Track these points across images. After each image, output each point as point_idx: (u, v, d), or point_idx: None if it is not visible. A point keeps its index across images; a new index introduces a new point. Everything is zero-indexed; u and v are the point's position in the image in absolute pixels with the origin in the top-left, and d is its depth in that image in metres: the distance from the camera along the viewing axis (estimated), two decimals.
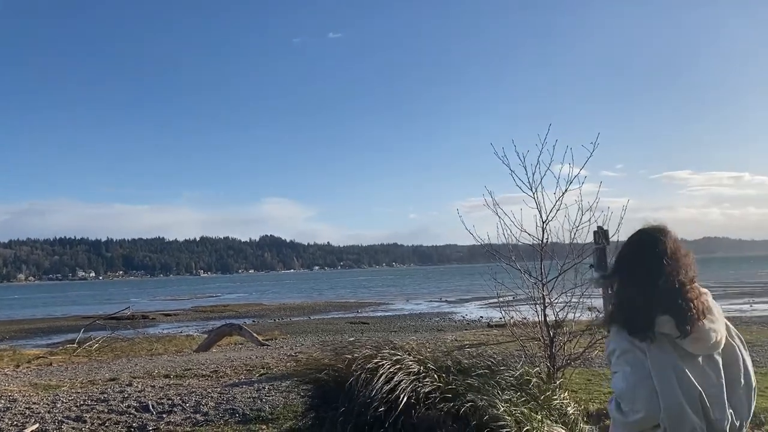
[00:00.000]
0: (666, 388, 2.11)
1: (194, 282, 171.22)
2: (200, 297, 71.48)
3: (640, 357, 2.16)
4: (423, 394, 5.67)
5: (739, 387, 2.21)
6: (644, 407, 2.13)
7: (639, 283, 2.23)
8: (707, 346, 2.16)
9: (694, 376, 2.12)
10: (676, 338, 2.14)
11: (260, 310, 44.57)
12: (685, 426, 2.10)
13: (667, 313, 2.15)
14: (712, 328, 2.16)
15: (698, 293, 2.21)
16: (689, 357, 2.16)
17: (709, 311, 2.19)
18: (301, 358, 10.47)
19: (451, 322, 28.25)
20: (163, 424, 7.28)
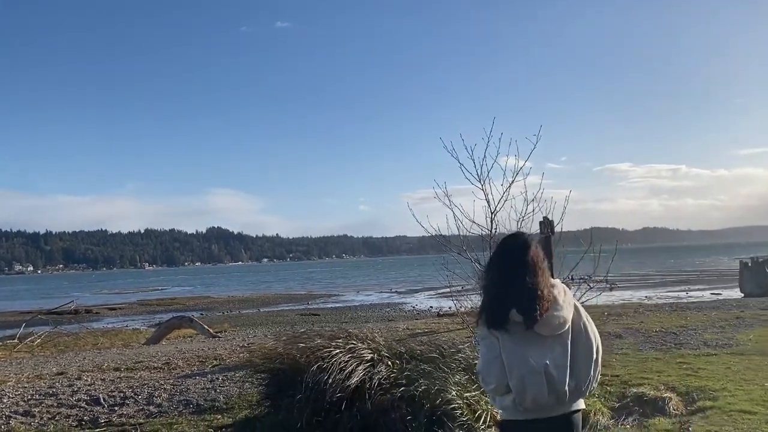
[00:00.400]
0: (512, 365, 2.75)
1: (139, 275, 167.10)
2: (146, 290, 69.94)
3: (494, 342, 2.81)
4: (377, 380, 5.84)
5: (582, 357, 2.81)
6: (495, 380, 2.80)
7: (499, 284, 2.82)
8: (552, 329, 2.77)
9: (542, 351, 2.75)
10: (529, 326, 2.74)
11: (208, 303, 43.98)
12: (527, 392, 2.74)
13: (516, 308, 2.74)
14: (555, 315, 2.76)
15: (547, 291, 2.78)
16: (539, 337, 2.77)
17: (554, 302, 2.78)
18: (255, 349, 10.51)
19: (402, 312, 28.58)
20: (116, 416, 7.24)
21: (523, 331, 2.74)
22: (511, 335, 2.76)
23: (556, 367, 2.74)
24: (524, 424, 2.80)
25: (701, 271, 53.25)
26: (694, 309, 14.74)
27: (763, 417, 5.61)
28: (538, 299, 2.72)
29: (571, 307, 2.83)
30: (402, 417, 5.49)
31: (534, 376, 2.72)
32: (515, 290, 2.74)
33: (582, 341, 2.83)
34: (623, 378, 7.43)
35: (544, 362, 2.73)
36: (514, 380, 2.74)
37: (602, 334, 10.45)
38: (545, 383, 2.72)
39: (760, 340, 9.48)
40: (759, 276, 21.94)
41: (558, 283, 2.88)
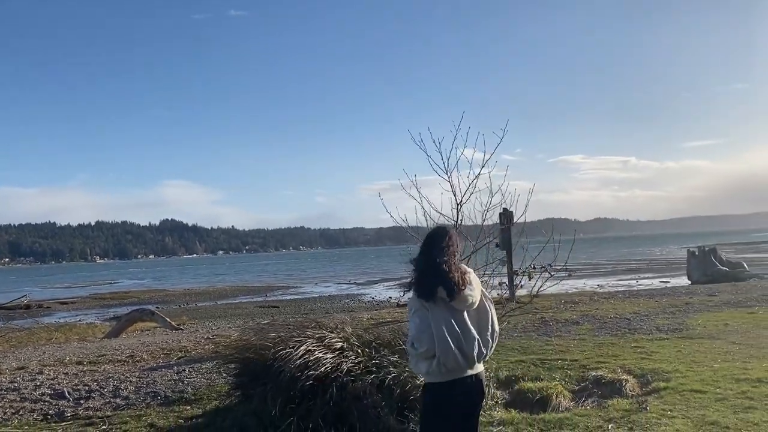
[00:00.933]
0: (439, 332, 3.40)
1: (90, 268, 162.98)
2: (98, 284, 68.35)
3: (425, 313, 3.44)
4: (347, 368, 5.97)
5: (486, 330, 3.56)
6: (426, 344, 3.41)
7: (427, 265, 3.49)
8: (467, 304, 3.48)
9: (458, 323, 3.44)
10: (448, 301, 3.41)
11: (164, 296, 43.32)
12: (449, 354, 3.40)
13: (441, 285, 3.41)
14: (469, 294, 3.48)
15: (462, 272, 3.52)
16: (457, 311, 3.47)
17: (469, 283, 3.50)
18: (220, 341, 10.50)
19: (361, 303, 28.73)
20: (82, 409, 7.18)
21: (446, 305, 3.44)
22: (438, 307, 3.44)
23: (467, 336, 3.46)
24: (446, 385, 3.49)
25: (650, 260, 55.00)
26: (645, 296, 15.29)
27: (713, 396, 5.95)
28: (453, 279, 3.44)
29: (479, 290, 3.60)
30: (374, 403, 5.63)
31: (454, 342, 3.41)
32: (440, 271, 3.45)
33: (485, 317, 3.60)
34: (581, 362, 7.74)
35: (461, 331, 3.44)
36: (440, 345, 3.39)
37: (560, 321, 10.78)
38: (462, 349, 3.43)
39: (708, 324, 9.95)
40: (705, 264, 22.85)
41: (469, 269, 3.63)
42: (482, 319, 3.56)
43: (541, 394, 6.47)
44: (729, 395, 5.94)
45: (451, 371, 3.43)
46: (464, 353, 3.42)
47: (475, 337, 3.47)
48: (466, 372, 3.50)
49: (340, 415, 5.62)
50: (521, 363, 7.87)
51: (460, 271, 3.49)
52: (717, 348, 8.09)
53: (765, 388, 6.07)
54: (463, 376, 3.49)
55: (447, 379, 3.45)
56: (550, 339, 9.49)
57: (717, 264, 22.81)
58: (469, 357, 3.45)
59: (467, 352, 3.43)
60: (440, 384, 3.49)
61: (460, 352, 3.41)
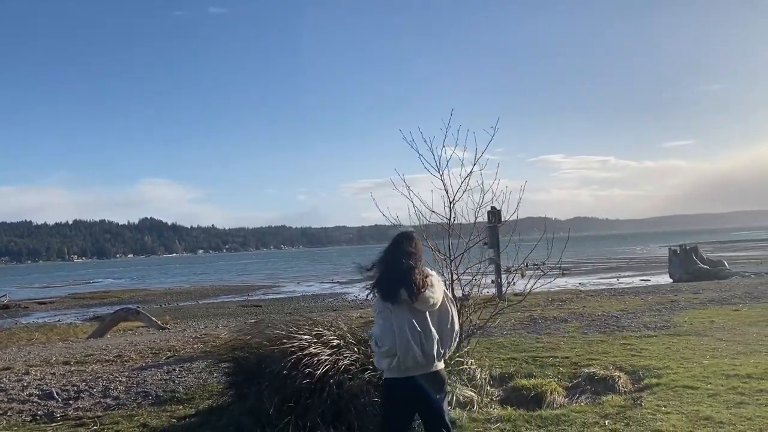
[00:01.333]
0: (400, 332, 3.65)
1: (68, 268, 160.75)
2: (77, 283, 67.53)
3: (388, 314, 3.70)
4: (344, 366, 5.95)
5: (446, 329, 3.78)
6: (388, 343, 3.68)
7: (390, 267, 3.73)
8: (428, 305, 3.70)
9: (419, 323, 3.67)
10: (411, 302, 3.65)
11: (145, 295, 42.90)
12: (409, 352, 3.64)
13: (404, 287, 3.64)
14: (430, 296, 3.69)
15: (425, 275, 3.74)
16: (419, 312, 3.69)
17: (430, 285, 3.71)
18: (209, 340, 10.44)
19: (345, 302, 28.69)
20: (72, 410, 7.08)
21: (408, 306, 3.67)
22: (400, 308, 3.67)
23: (427, 335, 3.68)
24: (403, 380, 3.74)
25: (630, 259, 55.63)
26: (631, 294, 15.46)
27: (705, 391, 6.03)
28: (415, 282, 3.66)
29: (441, 292, 3.79)
30: (371, 401, 5.62)
31: (414, 341, 3.64)
32: (403, 274, 3.68)
33: (446, 317, 3.79)
34: (573, 359, 7.80)
35: (422, 331, 3.67)
36: (401, 344, 3.65)
37: (548, 319, 10.87)
38: (422, 347, 3.66)
39: (694, 321, 10.08)
40: (687, 263, 23.19)
41: (432, 272, 3.84)
42: (443, 319, 3.78)
43: (535, 390, 6.51)
44: (720, 391, 6.02)
45: (410, 368, 3.69)
46: (425, 352, 3.66)
47: (435, 337, 3.70)
48: (426, 369, 3.72)
49: (338, 413, 5.60)
50: (513, 360, 7.91)
51: (422, 274, 3.72)
52: (705, 345, 8.20)
53: (755, 383, 6.17)
54: (423, 373, 3.72)
55: (405, 375, 3.72)
56: (540, 336, 9.57)
57: (698, 262, 23.15)
58: (429, 355, 3.68)
59: (427, 350, 3.67)
60: (398, 379, 3.75)
61: (421, 351, 3.65)
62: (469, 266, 7.53)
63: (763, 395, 5.78)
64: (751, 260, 37.98)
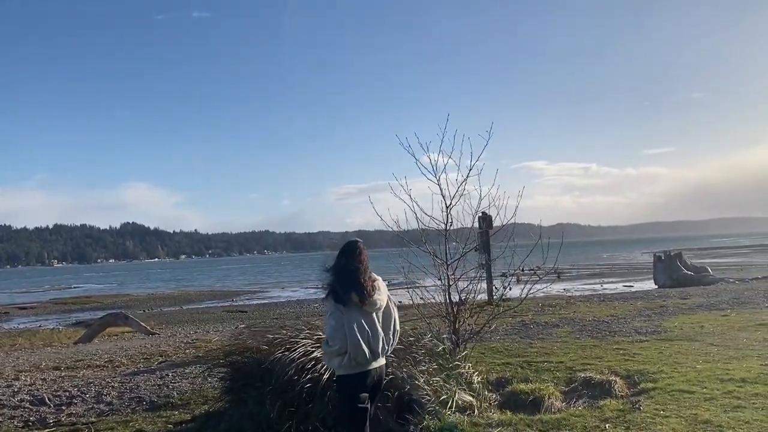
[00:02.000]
0: (351, 332, 4.00)
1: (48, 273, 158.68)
2: (58, 288, 66.69)
3: (339, 315, 4.04)
4: None
5: (389, 329, 4.20)
6: (339, 342, 4.02)
7: (342, 272, 4.10)
8: (375, 308, 4.10)
9: (367, 323, 4.06)
10: (360, 305, 4.02)
11: (127, 300, 42.41)
12: (359, 350, 4.00)
13: (355, 291, 4.02)
14: (377, 299, 4.09)
15: (372, 279, 4.12)
16: (367, 313, 4.08)
17: (377, 289, 4.11)
18: (201, 345, 10.36)
19: None
20: (64, 416, 7.00)
21: (358, 308, 4.04)
22: (350, 310, 4.04)
23: (374, 334, 4.08)
24: (355, 376, 4.10)
25: (613, 265, 56.05)
26: (620, 299, 15.59)
27: (702, 396, 6.08)
28: (365, 286, 4.04)
29: (386, 295, 4.20)
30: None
31: (363, 340, 4.02)
32: (354, 279, 4.05)
33: (389, 318, 4.22)
34: (567, 364, 7.84)
35: (370, 330, 4.06)
36: (351, 342, 4.00)
37: (540, 324, 10.91)
38: (369, 345, 4.05)
39: (684, 326, 10.19)
40: (671, 268, 23.41)
41: (378, 277, 4.22)
42: (387, 320, 4.22)
43: (533, 395, 6.52)
44: (716, 395, 6.07)
45: (359, 365, 4.08)
46: (372, 349, 4.07)
47: (381, 335, 4.13)
48: (372, 365, 4.14)
49: (339, 418, 5.57)
50: (508, 365, 7.94)
51: (370, 279, 4.13)
52: (696, 349, 8.28)
53: (750, 387, 6.24)
54: (369, 369, 4.14)
55: (356, 371, 4.10)
56: (533, 342, 9.61)
57: (682, 268, 23.39)
58: (375, 352, 4.10)
59: (374, 348, 4.08)
60: (350, 376, 4.12)
61: (369, 349, 4.05)
62: (464, 271, 7.57)
63: (759, 399, 5.84)
64: (732, 266, 38.46)
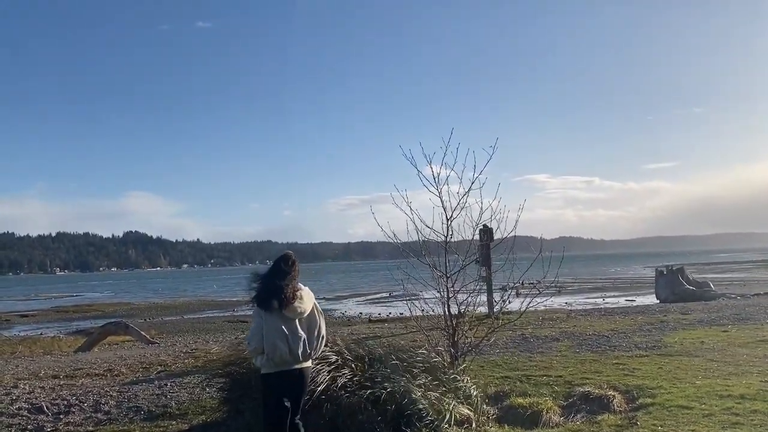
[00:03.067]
0: (268, 334, 4.45)
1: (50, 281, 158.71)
2: (59, 296, 66.68)
3: (260, 319, 4.50)
4: (342, 383, 5.93)
5: (313, 334, 4.65)
6: (255, 343, 4.52)
7: (267, 280, 4.56)
8: (296, 314, 4.54)
9: (287, 327, 4.48)
10: (280, 310, 4.46)
11: (128, 309, 42.36)
12: (276, 351, 4.43)
13: (275, 298, 4.46)
14: (298, 306, 4.53)
15: (295, 289, 4.56)
16: (288, 318, 4.51)
17: (300, 298, 4.55)
18: (200, 355, 10.35)
19: (332, 319, 28.50)
20: (62, 425, 6.99)
21: (279, 313, 4.47)
22: (272, 315, 4.47)
23: (294, 338, 4.49)
24: (274, 375, 4.51)
25: (615, 279, 55.85)
26: (621, 314, 15.55)
27: (700, 411, 6.07)
28: (286, 294, 4.47)
29: (311, 304, 4.66)
30: (369, 418, 5.60)
31: (281, 342, 4.44)
32: (276, 287, 4.48)
33: (314, 325, 4.66)
34: (566, 378, 7.82)
35: (287, 334, 4.46)
36: (269, 344, 4.44)
37: (540, 338, 10.86)
38: (287, 347, 4.45)
39: (685, 342, 10.15)
40: (673, 283, 23.34)
41: (304, 287, 4.67)
42: (311, 326, 4.65)
43: (531, 409, 6.50)
44: (715, 411, 6.06)
45: (278, 365, 4.49)
46: (291, 351, 4.47)
47: (301, 339, 4.52)
48: (293, 366, 4.54)
49: (336, 430, 5.58)
50: (507, 379, 7.92)
51: (294, 288, 4.55)
52: (696, 365, 8.25)
53: (749, 404, 6.21)
54: (290, 369, 4.53)
55: (276, 370, 4.52)
56: (533, 355, 9.59)
57: (684, 283, 23.32)
58: (295, 354, 4.50)
59: (294, 350, 4.47)
60: (270, 374, 4.55)
61: (289, 350, 4.46)
62: (464, 284, 7.57)
63: (758, 416, 5.82)
64: (735, 282, 38.34)
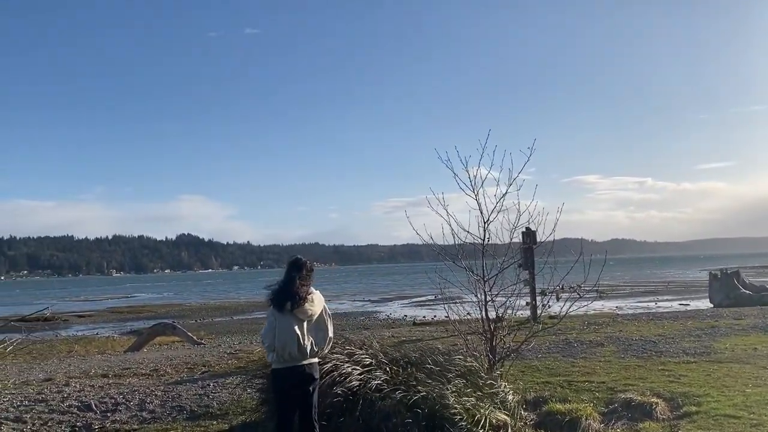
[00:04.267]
0: (281, 333, 4.83)
1: (106, 282, 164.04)
2: (115, 297, 68.81)
3: (273, 319, 4.89)
4: (376, 385, 5.95)
5: (320, 333, 5.00)
6: (268, 340, 4.89)
7: (283, 285, 4.92)
8: (306, 315, 4.90)
9: (298, 327, 4.85)
10: (292, 311, 4.83)
11: (180, 310, 43.35)
12: (286, 348, 4.81)
13: (289, 299, 4.84)
14: (308, 308, 4.91)
15: (308, 292, 4.93)
16: (299, 319, 4.87)
17: (310, 300, 4.92)
18: (243, 356, 10.54)
19: (377, 321, 28.58)
20: (109, 422, 7.23)
21: (291, 314, 4.85)
22: (284, 315, 4.85)
23: (303, 336, 4.85)
24: (284, 370, 4.88)
25: (669, 282, 54.25)
26: (669, 318, 15.10)
27: (748, 421, 5.85)
28: (298, 296, 4.85)
29: (320, 307, 5.03)
30: (402, 421, 5.60)
31: (291, 340, 4.80)
32: (289, 290, 4.87)
33: (322, 326, 5.03)
34: (609, 384, 7.66)
35: (297, 333, 4.83)
36: (280, 341, 4.82)
37: (584, 342, 10.63)
38: (296, 344, 4.81)
39: (736, 348, 9.80)
40: (728, 287, 22.52)
41: (316, 291, 5.03)
42: (320, 327, 5.01)
43: (570, 416, 6.39)
44: (764, 421, 5.83)
45: (287, 361, 4.85)
46: (300, 349, 4.83)
47: (309, 339, 4.89)
48: (301, 362, 4.88)
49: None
50: (548, 384, 7.81)
51: (306, 291, 4.91)
52: (747, 372, 7.96)
53: None
54: (298, 365, 4.88)
55: (285, 366, 4.88)
56: (576, 360, 9.41)
57: (740, 287, 22.48)
58: (303, 351, 4.86)
59: (303, 347, 4.84)
60: (281, 369, 4.91)
61: (297, 348, 4.82)
62: (503, 288, 7.49)
63: None
64: None
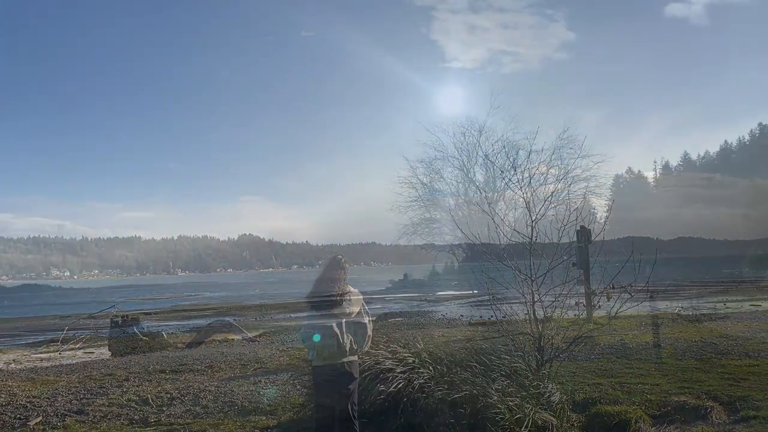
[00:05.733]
0: (319, 331, 4.91)
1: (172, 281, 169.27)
2: (179, 296, 70.97)
3: (314, 318, 5.03)
4: (419, 384, 5.97)
5: (359, 332, 5.09)
6: (308, 339, 5.00)
7: (320, 283, 5.15)
8: (345, 314, 5.04)
9: (337, 326, 4.94)
10: (331, 310, 4.97)
11: (241, 308, 44.15)
12: (326, 347, 4.94)
13: (326, 298, 4.93)
14: (346, 307, 5.04)
15: (345, 291, 5.10)
16: (337, 317, 4.96)
17: (348, 300, 5.07)
18: (294, 353, 10.72)
19: (432, 320, 28.27)
20: (164, 416, 7.49)
21: (329, 313, 4.99)
22: (323, 313, 5.00)
23: (342, 334, 4.96)
24: (324, 367, 5.04)
25: (739, 282, 52.01)
26: (733, 319, 14.51)
27: None
28: (335, 295, 5.01)
29: (359, 305, 5.15)
30: (445, 420, 5.61)
31: (330, 338, 4.93)
32: (327, 289, 5.05)
33: (360, 324, 5.11)
34: (663, 387, 7.44)
35: (336, 331, 4.93)
36: (321, 340, 4.95)
37: (641, 344, 10.32)
38: (335, 343, 4.94)
39: None
40: None
41: (353, 290, 5.19)
42: (359, 326, 5.11)
43: (619, 418, 6.25)
44: None
45: (326, 358, 5.00)
46: (339, 346, 4.95)
47: (348, 337, 5.00)
48: (340, 359, 5.01)
49: (412, 430, 5.62)
50: (599, 386, 7.64)
51: (342, 290, 5.08)
52: None
53: None
54: (337, 362, 5.01)
55: (324, 363, 5.03)
56: (630, 362, 9.17)
57: None
58: (342, 350, 4.98)
59: (342, 345, 4.96)
60: (320, 366, 5.06)
61: (337, 346, 4.94)
62: (551, 287, 7.36)
63: None
64: None
